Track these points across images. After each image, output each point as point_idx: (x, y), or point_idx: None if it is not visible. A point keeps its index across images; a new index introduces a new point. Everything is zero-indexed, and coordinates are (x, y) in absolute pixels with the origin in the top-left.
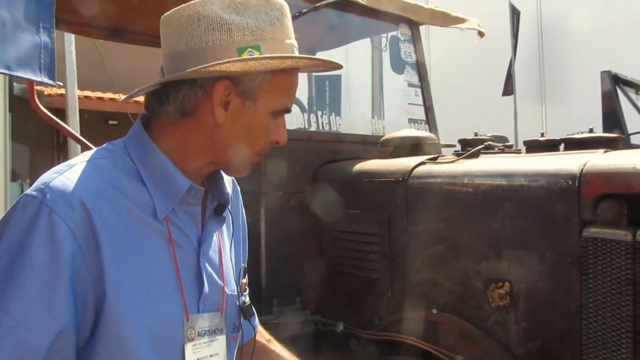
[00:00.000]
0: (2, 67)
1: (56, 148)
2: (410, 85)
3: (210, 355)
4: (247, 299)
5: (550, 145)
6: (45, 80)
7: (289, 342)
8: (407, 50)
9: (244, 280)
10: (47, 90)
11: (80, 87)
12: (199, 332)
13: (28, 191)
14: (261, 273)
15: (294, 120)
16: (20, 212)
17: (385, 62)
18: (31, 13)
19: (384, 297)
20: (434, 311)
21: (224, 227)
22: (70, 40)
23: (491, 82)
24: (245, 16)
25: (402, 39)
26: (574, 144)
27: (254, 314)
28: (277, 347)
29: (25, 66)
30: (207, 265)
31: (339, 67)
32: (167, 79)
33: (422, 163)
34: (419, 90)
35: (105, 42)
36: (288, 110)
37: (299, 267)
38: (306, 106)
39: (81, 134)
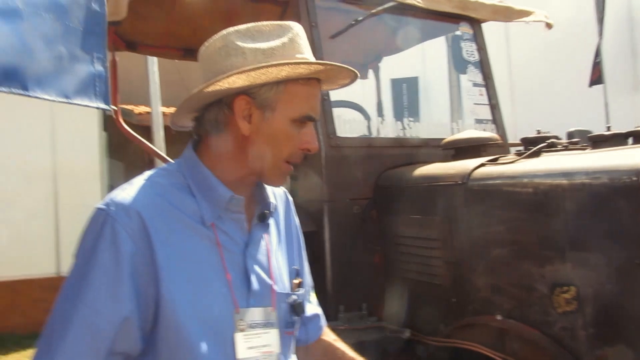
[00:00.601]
0: (61, 96)
1: (147, 164)
2: (475, 85)
3: (263, 346)
4: (299, 297)
5: (616, 139)
6: (101, 105)
7: (356, 348)
8: (469, 49)
9: (296, 281)
10: (136, 109)
11: (167, 105)
12: (249, 324)
13: (98, 205)
14: (327, 279)
15: (357, 127)
16: (93, 222)
17: (438, 64)
18: (85, 45)
19: (449, 303)
20: (498, 317)
21: (274, 233)
22: (152, 61)
23: (578, 72)
24: (259, 41)
25: (464, 37)
26: None
27: (304, 311)
28: (342, 345)
29: (81, 94)
30: (254, 265)
31: (354, 75)
32: (186, 98)
33: (482, 165)
34: (483, 90)
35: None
36: (311, 118)
37: (364, 273)
38: (375, 112)
39: (168, 149)
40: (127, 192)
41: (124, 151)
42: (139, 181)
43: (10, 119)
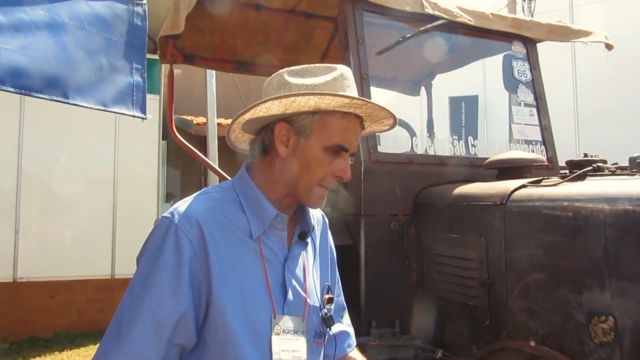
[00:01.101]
0: (100, 105)
1: (203, 172)
2: (526, 105)
3: (293, 350)
4: (329, 312)
5: None
6: (138, 114)
7: None
8: (520, 69)
9: (327, 296)
10: (195, 120)
11: (225, 116)
12: (284, 329)
13: (164, 214)
14: (360, 294)
15: (402, 144)
16: (158, 228)
17: (498, 81)
18: (125, 57)
19: (483, 325)
20: (532, 343)
21: (310, 251)
22: (211, 74)
23: None
24: (306, 78)
25: (517, 56)
26: None
27: (333, 323)
28: None
29: (119, 103)
30: (291, 278)
31: (394, 116)
32: (233, 121)
33: (524, 186)
34: (534, 110)
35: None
36: (343, 148)
37: (399, 290)
38: (424, 129)
39: (222, 158)
40: (189, 204)
41: (181, 160)
42: (199, 196)
43: (75, 128)
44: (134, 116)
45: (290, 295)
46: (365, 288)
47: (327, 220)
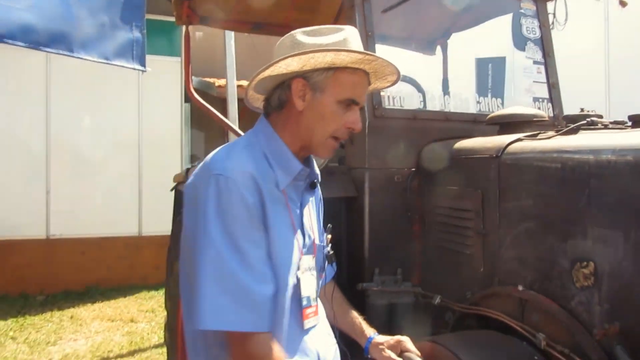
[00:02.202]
0: (102, 58)
1: (226, 134)
2: (535, 62)
3: (310, 285)
4: (330, 249)
5: None
6: (137, 67)
7: (388, 310)
8: (529, 26)
9: (329, 236)
10: (217, 82)
11: (246, 79)
12: (305, 268)
13: (214, 172)
14: (364, 244)
15: (407, 101)
16: (216, 187)
17: (508, 39)
18: (125, 15)
19: (477, 272)
20: (520, 288)
21: (314, 197)
22: (230, 35)
23: None
24: (317, 37)
25: (526, 14)
26: None
27: (334, 260)
28: (343, 299)
29: (120, 56)
30: (306, 223)
31: (398, 71)
32: (252, 80)
33: (519, 139)
34: (542, 67)
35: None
36: (354, 102)
37: (401, 240)
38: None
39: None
40: (235, 159)
41: (204, 122)
42: (237, 150)
43: (101, 93)
44: (134, 69)
45: (307, 238)
46: (369, 238)
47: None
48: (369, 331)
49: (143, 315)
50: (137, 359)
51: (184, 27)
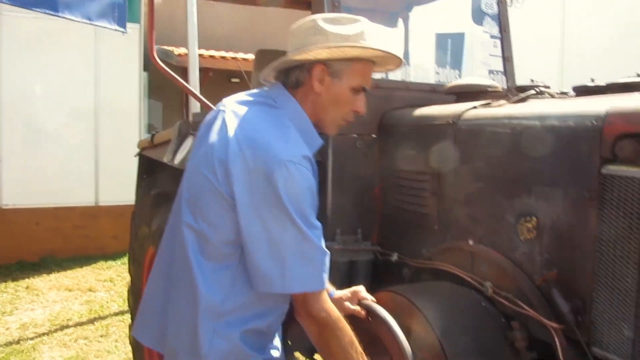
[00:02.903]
0: (85, 18)
1: (185, 104)
2: (492, 37)
3: None
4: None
5: (597, 91)
6: (118, 28)
7: (349, 267)
8: (488, 2)
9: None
10: (177, 51)
11: (206, 47)
12: None
13: (286, 159)
14: (327, 205)
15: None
16: (289, 173)
17: (467, 13)
18: None
19: (432, 230)
20: (471, 242)
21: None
22: (192, 2)
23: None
24: (338, 26)
25: None
26: (618, 88)
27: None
28: None
29: (102, 18)
30: None
31: (401, 62)
32: (280, 60)
33: (474, 107)
34: (498, 42)
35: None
36: (364, 89)
37: (363, 202)
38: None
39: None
40: (294, 144)
41: (163, 92)
42: (290, 133)
43: (55, 60)
44: (115, 30)
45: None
46: (332, 200)
47: None
48: (330, 289)
49: (101, 284)
50: (97, 326)
51: None
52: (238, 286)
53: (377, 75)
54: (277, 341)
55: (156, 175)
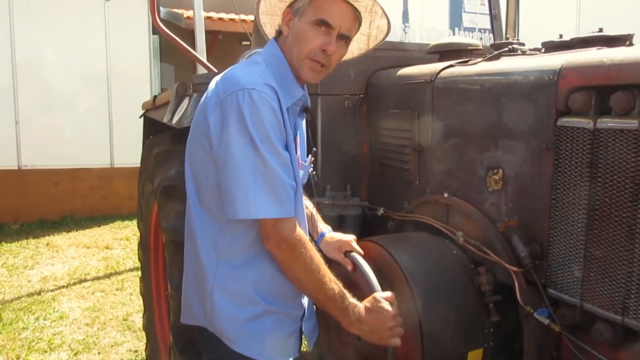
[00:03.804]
0: None
1: (196, 67)
2: None
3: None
4: (311, 168)
5: (564, 46)
6: None
7: (338, 220)
8: None
9: (312, 158)
10: (186, 14)
11: (216, 10)
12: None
13: (247, 88)
14: (317, 163)
15: None
16: (248, 99)
17: None
18: None
19: (413, 185)
20: (445, 195)
21: (304, 122)
22: None
23: None
24: None
25: None
26: (581, 43)
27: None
28: (307, 201)
29: None
30: (298, 142)
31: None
32: (259, 17)
33: (451, 65)
34: (485, 0)
35: None
36: (324, 22)
37: (352, 160)
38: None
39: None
40: (258, 75)
41: (175, 55)
42: (259, 69)
43: (67, 27)
44: None
45: (299, 156)
46: (322, 157)
47: None
48: (323, 227)
49: (118, 242)
50: (113, 280)
51: None
52: (232, 222)
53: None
54: (298, 310)
55: (159, 135)
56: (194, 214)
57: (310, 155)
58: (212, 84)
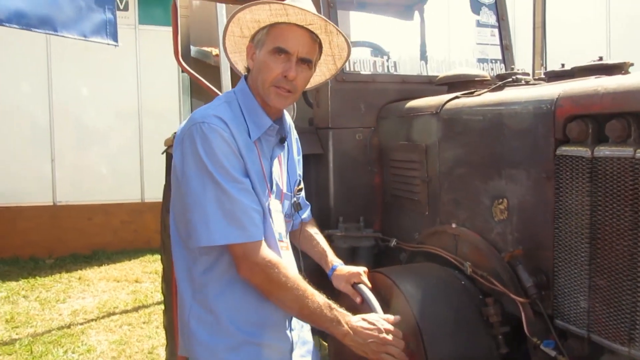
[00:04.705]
0: (81, 35)
1: None
2: (492, 26)
3: (279, 224)
4: (299, 199)
5: (566, 75)
6: (111, 42)
7: (350, 252)
8: None
9: (297, 187)
10: (214, 52)
11: None
12: (273, 209)
13: (198, 122)
14: (330, 195)
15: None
16: (201, 132)
17: (465, 4)
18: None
19: (423, 215)
20: (453, 225)
21: (285, 151)
22: (221, 6)
23: None
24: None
25: None
26: (581, 72)
27: (301, 208)
28: (320, 238)
29: (96, 34)
30: (274, 173)
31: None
32: (229, 57)
33: (456, 97)
34: (495, 31)
35: None
36: (283, 50)
37: (364, 191)
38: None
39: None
40: (214, 110)
41: (204, 90)
42: (217, 104)
43: (100, 68)
44: (107, 44)
45: (274, 186)
46: (334, 190)
47: (292, 123)
48: (335, 261)
49: (147, 276)
50: (140, 314)
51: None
52: (204, 253)
53: (379, 70)
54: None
55: None
56: (173, 246)
57: (296, 185)
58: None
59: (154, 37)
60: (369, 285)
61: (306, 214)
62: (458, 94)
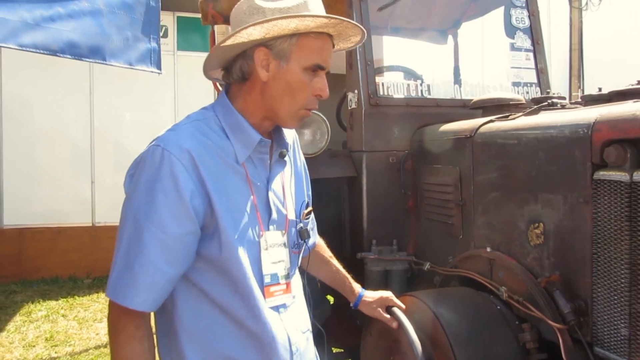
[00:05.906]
0: (127, 64)
1: None
2: (526, 50)
3: (278, 261)
4: (308, 225)
5: (602, 99)
6: (155, 70)
7: (384, 276)
8: (519, 16)
9: (305, 211)
10: None
11: None
12: (270, 244)
13: (154, 143)
14: (363, 218)
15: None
16: (151, 157)
17: (499, 28)
18: (144, 30)
19: (457, 239)
20: (488, 249)
21: (287, 168)
22: None
23: None
24: (277, 1)
25: (515, 4)
26: (618, 96)
27: (309, 236)
28: (335, 262)
29: (141, 62)
30: (274, 197)
31: (362, 31)
32: (213, 50)
33: (491, 121)
34: (530, 54)
35: None
36: (320, 67)
37: (397, 214)
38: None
39: None
40: (177, 132)
41: None
42: (184, 124)
43: (140, 94)
44: (152, 71)
45: (274, 214)
46: (367, 212)
47: (297, 136)
48: (358, 289)
49: None
50: None
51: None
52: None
53: (412, 94)
54: None
55: None
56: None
57: (304, 208)
58: None
59: (191, 62)
60: (403, 307)
61: (316, 238)
62: (492, 117)
